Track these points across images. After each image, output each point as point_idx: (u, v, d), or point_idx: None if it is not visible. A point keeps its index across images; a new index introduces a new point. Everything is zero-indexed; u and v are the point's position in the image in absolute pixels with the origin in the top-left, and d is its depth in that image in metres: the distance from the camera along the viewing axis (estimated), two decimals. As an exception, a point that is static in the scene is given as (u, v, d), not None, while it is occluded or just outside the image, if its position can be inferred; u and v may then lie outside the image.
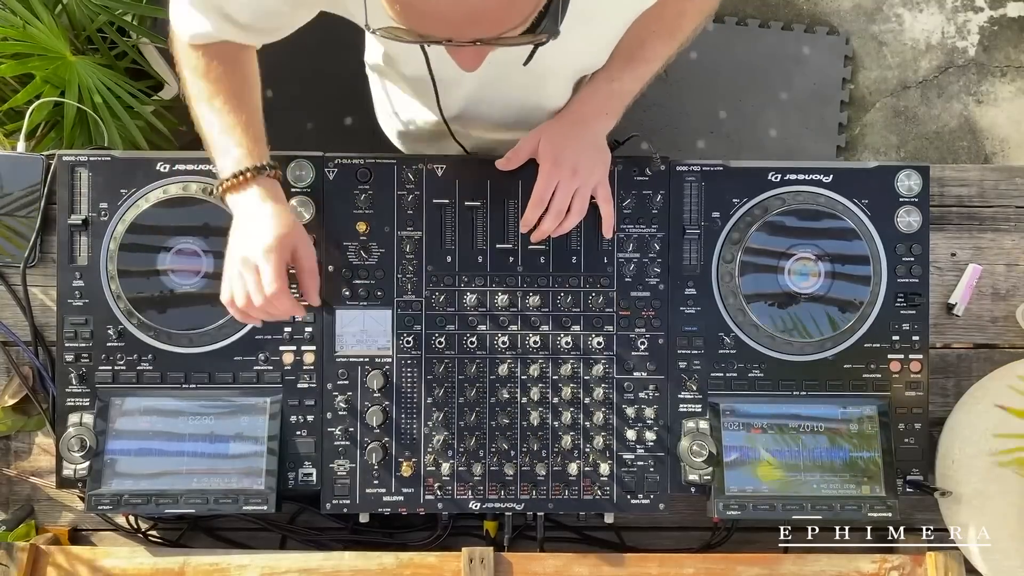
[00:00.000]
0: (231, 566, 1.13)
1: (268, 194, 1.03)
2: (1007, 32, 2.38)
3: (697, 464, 1.14)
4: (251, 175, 1.02)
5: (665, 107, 2.32)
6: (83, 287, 1.16)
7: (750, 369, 1.19)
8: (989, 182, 1.27)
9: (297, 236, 1.04)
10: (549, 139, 1.12)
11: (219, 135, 1.03)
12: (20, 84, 1.61)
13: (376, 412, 1.15)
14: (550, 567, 1.12)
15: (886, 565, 1.14)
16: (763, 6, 2.37)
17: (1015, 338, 1.26)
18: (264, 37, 1.05)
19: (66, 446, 1.12)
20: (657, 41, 1.11)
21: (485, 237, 1.18)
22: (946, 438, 1.17)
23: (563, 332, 1.18)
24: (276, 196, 1.04)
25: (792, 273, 1.18)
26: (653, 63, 1.13)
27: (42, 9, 1.59)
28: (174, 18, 1.03)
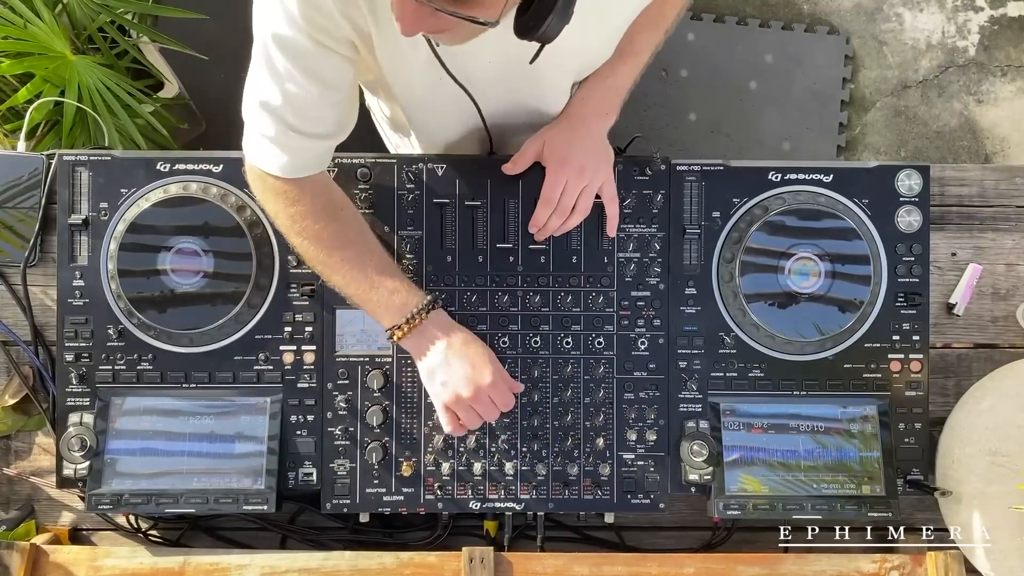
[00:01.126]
0: (231, 566, 1.12)
1: (449, 324, 1.07)
2: (1007, 32, 2.38)
3: (697, 464, 1.14)
4: (428, 310, 1.05)
5: (665, 107, 2.32)
6: (83, 287, 1.16)
7: (750, 369, 1.19)
8: (989, 182, 1.27)
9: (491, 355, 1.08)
10: (554, 141, 1.12)
11: (378, 277, 1.04)
12: (20, 83, 1.61)
13: (376, 412, 1.15)
14: (550, 567, 1.12)
15: (886, 565, 1.14)
16: (763, 6, 2.37)
17: (1015, 338, 1.26)
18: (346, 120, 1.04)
19: (66, 446, 1.12)
20: (643, 33, 1.12)
21: (485, 237, 1.18)
22: (946, 438, 1.17)
23: (564, 332, 1.18)
24: (454, 324, 1.08)
25: (792, 273, 1.18)
26: (642, 55, 1.14)
27: (43, 8, 1.58)
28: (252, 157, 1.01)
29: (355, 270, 1.04)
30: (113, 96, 1.64)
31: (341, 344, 1.17)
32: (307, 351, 1.17)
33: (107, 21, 1.69)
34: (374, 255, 1.06)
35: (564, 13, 0.79)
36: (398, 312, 1.04)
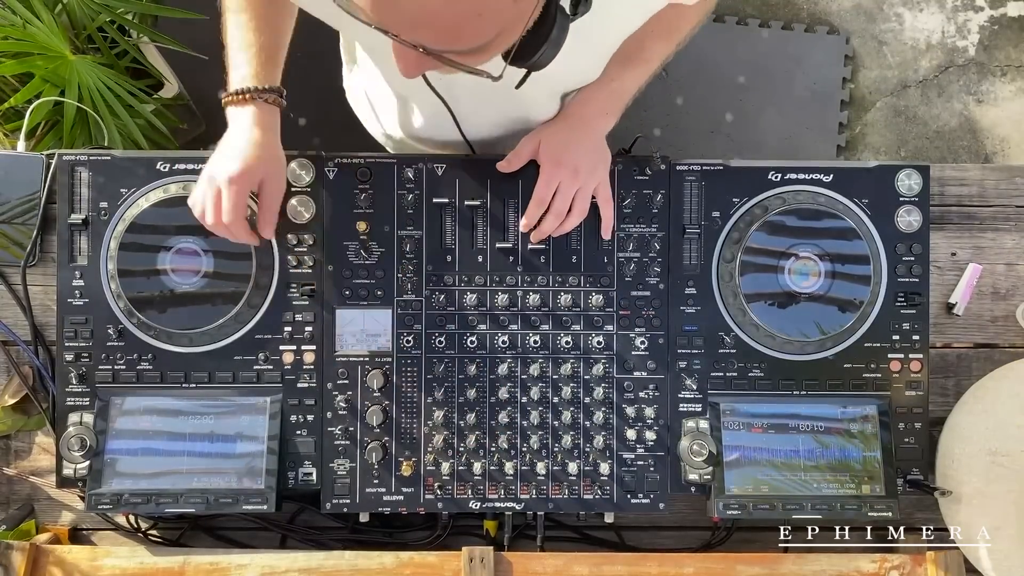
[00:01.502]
0: (231, 566, 1.12)
1: (259, 120, 1.06)
2: (1007, 32, 2.38)
3: (697, 464, 1.14)
4: (250, 96, 1.05)
5: (665, 107, 2.32)
6: (83, 287, 1.16)
7: (750, 369, 1.19)
8: (989, 182, 1.27)
9: (267, 170, 1.07)
10: (550, 140, 1.12)
11: (235, 50, 1.07)
12: (20, 83, 1.61)
13: (376, 412, 1.15)
14: (550, 567, 1.12)
15: (886, 565, 1.14)
16: (763, 6, 2.37)
17: (1015, 338, 1.26)
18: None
19: (66, 445, 1.12)
20: (656, 42, 1.10)
21: (485, 237, 1.18)
22: (946, 438, 1.17)
23: (563, 331, 1.18)
24: (266, 124, 1.07)
25: (792, 273, 1.18)
26: (652, 63, 1.13)
27: (42, 8, 1.59)
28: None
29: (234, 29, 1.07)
30: (113, 96, 1.64)
31: (341, 344, 1.17)
32: (307, 351, 1.17)
33: (107, 21, 1.69)
34: (255, 31, 1.06)
35: (557, 42, 0.77)
36: (233, 83, 1.06)
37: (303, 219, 1.17)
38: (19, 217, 1.21)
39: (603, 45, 1.06)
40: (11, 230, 1.21)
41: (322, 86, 2.19)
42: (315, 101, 2.19)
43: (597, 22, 0.91)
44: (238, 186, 1.04)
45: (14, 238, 1.21)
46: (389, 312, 1.18)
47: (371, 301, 1.18)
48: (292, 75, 1.14)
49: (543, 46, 0.76)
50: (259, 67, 1.06)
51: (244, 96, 1.05)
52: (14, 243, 1.21)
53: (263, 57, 1.06)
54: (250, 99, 1.06)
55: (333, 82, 2.13)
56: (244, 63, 1.06)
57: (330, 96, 2.22)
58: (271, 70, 1.07)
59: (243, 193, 1.05)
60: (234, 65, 1.07)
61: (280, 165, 1.10)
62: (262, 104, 1.06)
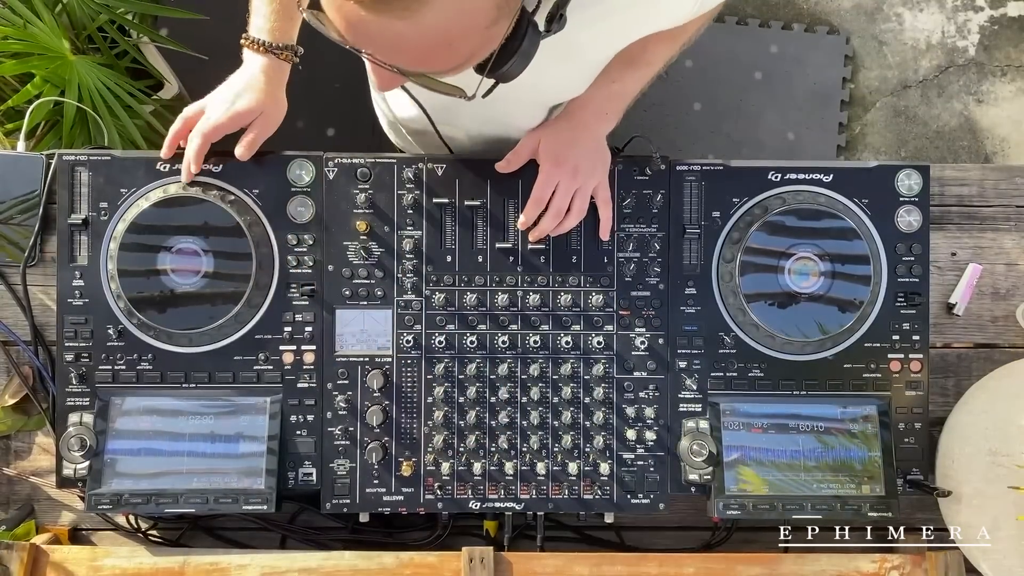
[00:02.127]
0: (231, 566, 1.12)
1: (268, 69, 1.11)
2: (1007, 32, 2.38)
3: (697, 464, 1.14)
4: (264, 48, 1.09)
5: (665, 107, 2.32)
6: (83, 287, 1.16)
7: (750, 369, 1.19)
8: (989, 182, 1.27)
9: (265, 110, 1.12)
10: (550, 140, 1.12)
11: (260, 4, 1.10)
12: (20, 83, 1.61)
13: (376, 412, 1.15)
14: (550, 567, 1.12)
15: (886, 565, 1.14)
16: (763, 6, 2.37)
17: (1015, 338, 1.26)
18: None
19: (66, 446, 1.12)
20: (659, 44, 1.10)
21: (485, 237, 1.18)
22: (946, 438, 1.17)
23: (563, 331, 1.18)
24: (273, 75, 1.11)
25: (792, 273, 1.18)
26: (655, 65, 1.13)
27: (43, 8, 1.59)
28: None
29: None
30: (113, 96, 1.64)
31: (341, 344, 1.17)
32: (307, 351, 1.17)
33: (107, 21, 1.69)
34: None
35: (527, 55, 0.77)
36: (251, 29, 1.10)
37: (303, 219, 1.17)
38: (19, 217, 1.21)
39: (591, 62, 1.06)
40: (11, 230, 1.21)
41: (322, 86, 2.19)
42: (317, 102, 2.20)
43: (585, 39, 0.91)
44: (225, 122, 1.10)
45: (14, 238, 1.21)
46: (389, 312, 1.18)
47: (371, 301, 1.18)
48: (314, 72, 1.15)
49: (511, 59, 0.76)
50: (276, 22, 1.09)
51: (259, 46, 1.09)
52: (12, 243, 1.21)
53: (281, 12, 1.09)
54: (263, 51, 1.09)
55: (334, 82, 2.12)
56: (263, 14, 1.09)
57: (331, 96, 2.22)
58: (288, 27, 1.10)
59: (231, 123, 1.10)
60: (254, 10, 1.10)
61: (280, 110, 1.15)
62: (273, 58, 1.10)
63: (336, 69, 2.09)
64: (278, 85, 1.13)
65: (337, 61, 1.57)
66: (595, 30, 0.91)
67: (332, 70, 2.09)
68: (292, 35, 1.12)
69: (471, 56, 0.73)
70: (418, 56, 0.70)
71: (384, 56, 0.70)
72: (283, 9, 1.09)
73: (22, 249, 1.20)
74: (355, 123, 2.21)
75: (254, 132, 1.12)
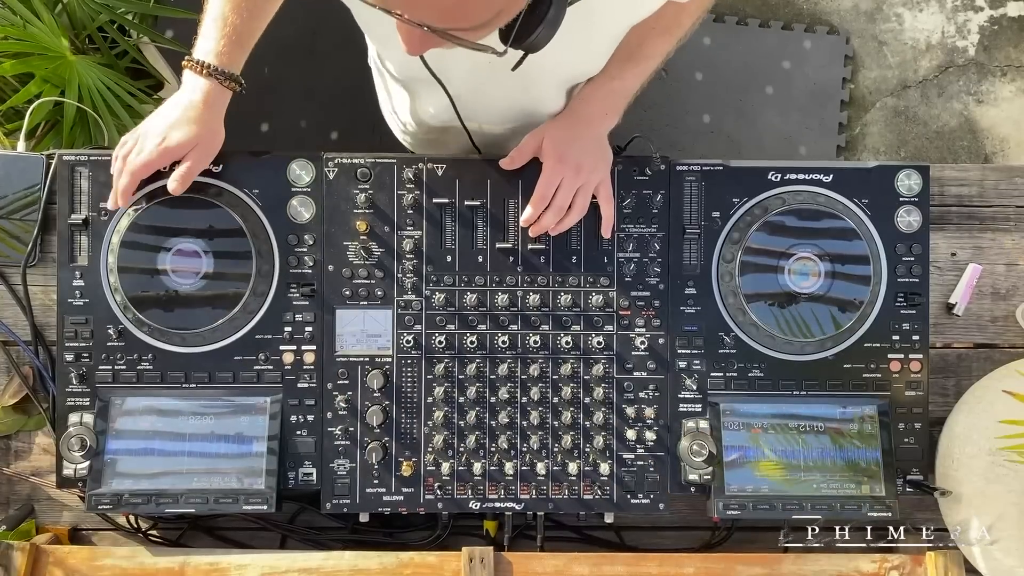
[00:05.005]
0: (231, 566, 1.12)
1: (208, 95, 1.08)
2: (1007, 32, 2.38)
3: (697, 464, 1.14)
4: (207, 72, 1.07)
5: (665, 107, 2.32)
6: (83, 287, 1.16)
7: (750, 369, 1.19)
8: (989, 182, 1.27)
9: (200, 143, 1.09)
10: (553, 138, 1.12)
11: (209, 19, 1.08)
12: (20, 83, 1.61)
13: (376, 412, 1.15)
14: (550, 567, 1.12)
15: (886, 565, 1.14)
16: (763, 6, 2.37)
17: (1015, 338, 1.26)
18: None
19: (66, 446, 1.12)
20: (657, 39, 1.11)
21: (485, 237, 1.18)
22: (946, 438, 1.17)
23: (563, 332, 1.18)
24: (213, 101, 1.08)
25: (792, 273, 1.18)
26: (653, 60, 1.13)
27: (43, 8, 1.59)
28: None
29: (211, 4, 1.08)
30: (113, 96, 1.64)
31: (341, 344, 1.17)
32: (307, 351, 1.17)
33: (107, 21, 1.69)
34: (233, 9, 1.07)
35: (554, 23, 0.77)
36: (197, 50, 1.08)
37: (303, 219, 1.17)
38: (19, 216, 1.21)
39: (609, 34, 1.06)
40: (11, 228, 1.21)
41: (323, 86, 2.19)
42: (318, 101, 2.20)
43: (604, 9, 0.90)
44: (160, 153, 1.07)
45: (15, 232, 1.21)
46: (389, 312, 1.18)
47: (371, 301, 1.18)
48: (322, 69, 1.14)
49: (539, 27, 0.76)
50: (225, 47, 1.07)
51: (202, 68, 1.07)
52: (14, 237, 1.21)
53: (233, 38, 1.07)
54: (206, 76, 1.07)
55: (334, 81, 2.12)
56: (212, 37, 1.07)
57: (331, 96, 2.22)
58: (236, 54, 1.09)
59: (161, 159, 1.08)
60: (203, 33, 1.08)
61: (217, 140, 1.12)
62: (215, 84, 1.08)
63: (336, 69, 2.09)
64: (217, 114, 1.10)
65: (337, 61, 1.57)
66: None
67: (332, 70, 2.10)
68: (239, 64, 1.10)
69: (501, 10, 0.72)
70: (449, 8, 0.69)
71: (414, 12, 0.69)
72: (235, 34, 1.07)
73: (24, 243, 1.20)
74: (355, 123, 2.21)
75: (188, 163, 1.09)
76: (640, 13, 1.02)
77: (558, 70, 1.09)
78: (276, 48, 1.14)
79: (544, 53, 0.79)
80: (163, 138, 1.08)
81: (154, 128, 1.09)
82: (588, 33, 0.99)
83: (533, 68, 0.86)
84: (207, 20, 1.08)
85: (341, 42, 1.28)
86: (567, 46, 0.79)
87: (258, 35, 1.11)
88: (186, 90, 1.09)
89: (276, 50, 1.14)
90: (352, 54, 1.39)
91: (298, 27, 1.33)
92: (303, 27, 1.93)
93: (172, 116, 1.08)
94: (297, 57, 2.09)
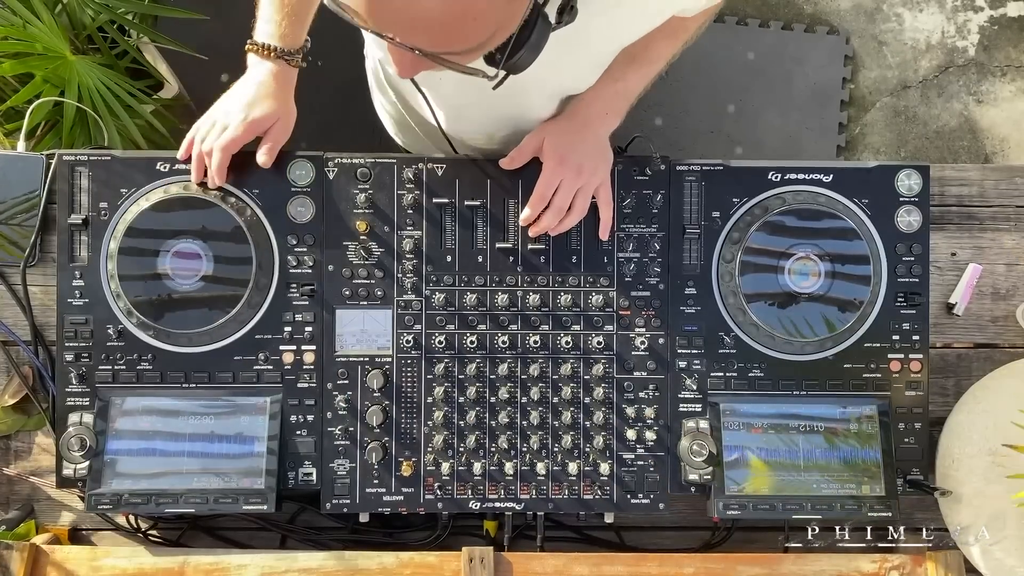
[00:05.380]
0: (231, 566, 1.12)
1: (278, 75, 1.10)
2: (1007, 32, 2.38)
3: (697, 464, 1.14)
4: (274, 54, 1.09)
5: (666, 107, 2.32)
6: (83, 287, 1.16)
7: (750, 369, 1.19)
8: (989, 182, 1.27)
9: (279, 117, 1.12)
10: (554, 138, 1.12)
11: (266, 3, 1.09)
12: (20, 83, 1.61)
13: (376, 412, 1.15)
14: (550, 567, 1.12)
15: (886, 565, 1.14)
16: (763, 6, 2.37)
17: (1015, 338, 1.26)
18: None
19: (66, 446, 1.12)
20: (662, 42, 1.10)
21: (485, 237, 1.18)
22: (946, 438, 1.17)
23: (563, 332, 1.18)
24: (282, 82, 1.11)
25: (792, 273, 1.18)
26: (657, 63, 1.13)
27: (42, 8, 1.58)
28: None
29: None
30: (113, 96, 1.64)
31: (341, 344, 1.17)
32: (307, 351, 1.17)
33: (107, 21, 1.69)
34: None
35: (536, 47, 0.77)
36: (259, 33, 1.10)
37: (303, 219, 1.17)
38: (19, 217, 1.21)
39: (597, 54, 1.06)
40: (11, 230, 1.21)
41: (324, 86, 2.19)
42: (318, 102, 2.20)
43: (591, 32, 0.91)
44: (243, 131, 1.09)
45: (14, 238, 1.21)
46: (389, 312, 1.18)
47: (371, 301, 1.18)
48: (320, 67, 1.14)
49: (521, 50, 0.76)
50: (287, 28, 1.09)
51: (267, 51, 1.09)
52: (12, 243, 1.21)
53: (292, 17, 1.09)
54: (272, 57, 1.09)
55: (335, 82, 2.12)
56: (272, 20, 1.09)
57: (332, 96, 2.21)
58: (298, 32, 1.10)
59: (248, 134, 1.10)
60: (262, 16, 1.10)
61: (292, 115, 1.14)
62: (282, 63, 1.10)
63: (336, 69, 2.09)
64: (289, 89, 1.13)
65: (337, 61, 1.57)
66: (605, 19, 0.91)
67: (332, 70, 2.09)
68: (301, 40, 1.12)
69: (492, 35, 0.72)
70: (441, 33, 0.69)
71: (406, 36, 0.69)
72: (294, 14, 1.09)
73: (22, 249, 1.20)
74: (355, 123, 2.21)
75: (272, 139, 1.12)
76: (635, 34, 1.02)
77: (550, 83, 1.10)
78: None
79: (528, 72, 0.80)
80: (246, 115, 1.10)
81: (234, 107, 1.11)
82: (578, 54, 0.99)
83: (517, 83, 0.86)
84: (263, 4, 1.09)
85: (341, 42, 1.28)
86: (554, 65, 0.80)
87: (315, 8, 1.12)
88: (255, 73, 1.11)
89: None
90: (352, 54, 1.39)
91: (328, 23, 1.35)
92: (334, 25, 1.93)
93: (247, 95, 1.10)
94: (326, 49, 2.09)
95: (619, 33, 1.02)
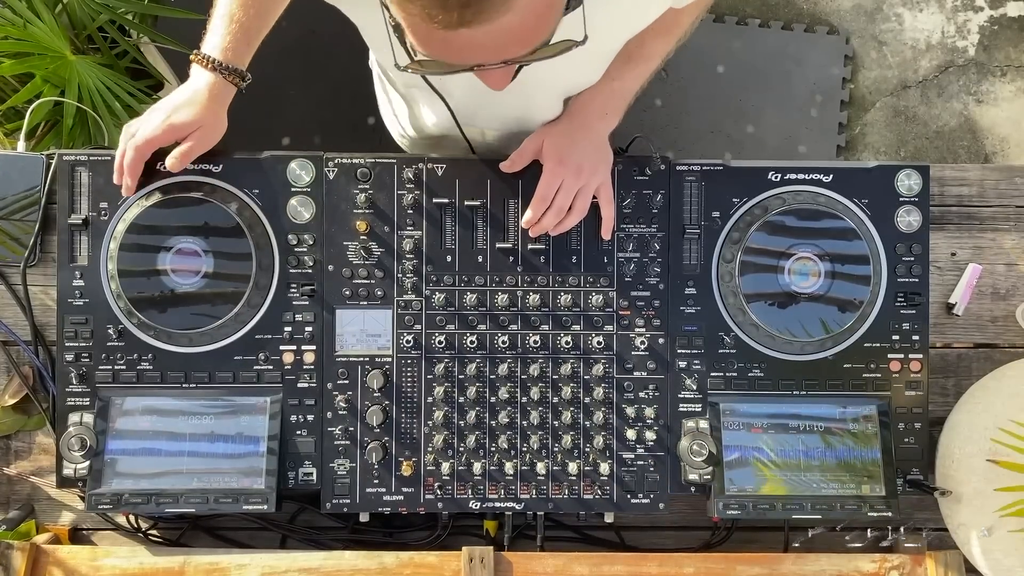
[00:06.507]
0: (231, 566, 1.13)
1: (213, 88, 1.09)
2: (1007, 32, 2.38)
3: (697, 464, 1.14)
4: (212, 67, 1.08)
5: (665, 107, 2.32)
6: (83, 287, 1.16)
7: (750, 369, 1.19)
8: (989, 182, 1.27)
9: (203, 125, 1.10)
10: (553, 139, 1.12)
11: (218, 16, 1.09)
12: (20, 83, 1.61)
13: (376, 412, 1.15)
14: (550, 567, 1.12)
15: (886, 565, 1.14)
16: (763, 6, 2.37)
17: (1015, 338, 1.26)
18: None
19: (66, 446, 1.12)
20: (656, 39, 1.11)
21: (485, 237, 1.18)
22: (946, 438, 1.17)
23: (563, 331, 1.18)
24: (218, 95, 1.10)
25: (792, 273, 1.18)
26: (653, 61, 1.13)
27: (43, 8, 1.59)
28: None
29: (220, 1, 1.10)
30: (113, 96, 1.64)
31: (341, 344, 1.17)
32: (307, 351, 1.17)
33: (107, 21, 1.69)
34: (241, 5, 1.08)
35: None
36: (205, 45, 1.10)
37: (303, 219, 1.17)
38: (19, 216, 1.21)
39: (606, 46, 1.06)
40: (12, 226, 1.21)
41: (324, 86, 2.19)
42: (319, 102, 2.20)
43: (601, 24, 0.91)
44: (160, 135, 1.08)
45: (15, 234, 1.21)
46: (389, 312, 1.18)
47: (371, 301, 1.18)
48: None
49: None
50: (232, 44, 1.08)
51: (209, 63, 1.08)
52: (14, 239, 1.21)
53: (240, 35, 1.08)
54: (212, 70, 1.08)
55: (335, 82, 2.12)
56: (220, 34, 1.08)
57: (332, 96, 2.22)
58: (242, 51, 1.10)
59: (166, 136, 1.09)
60: (212, 29, 1.09)
61: (219, 128, 1.13)
62: (220, 79, 1.09)
63: (336, 69, 2.09)
64: (221, 104, 1.10)
65: (337, 61, 1.57)
66: (604, 13, 0.91)
67: (332, 70, 2.10)
68: (245, 60, 1.11)
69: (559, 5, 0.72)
70: (525, 35, 0.70)
71: (495, 56, 0.70)
72: (242, 31, 1.08)
73: (23, 245, 1.20)
74: (355, 123, 2.21)
75: (189, 143, 1.10)
76: (636, 27, 1.03)
77: (557, 83, 1.10)
78: (276, 48, 1.14)
79: (542, 67, 0.80)
80: (168, 116, 1.09)
81: (159, 108, 1.11)
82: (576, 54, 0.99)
83: (531, 80, 0.86)
84: (215, 16, 1.09)
85: (341, 42, 1.28)
86: (555, 65, 0.80)
87: (265, 32, 1.12)
88: (192, 81, 1.10)
89: (276, 50, 1.14)
90: (352, 54, 1.39)
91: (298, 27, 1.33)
92: (303, 27, 1.93)
93: (177, 99, 1.10)
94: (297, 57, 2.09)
95: (625, 24, 1.02)
